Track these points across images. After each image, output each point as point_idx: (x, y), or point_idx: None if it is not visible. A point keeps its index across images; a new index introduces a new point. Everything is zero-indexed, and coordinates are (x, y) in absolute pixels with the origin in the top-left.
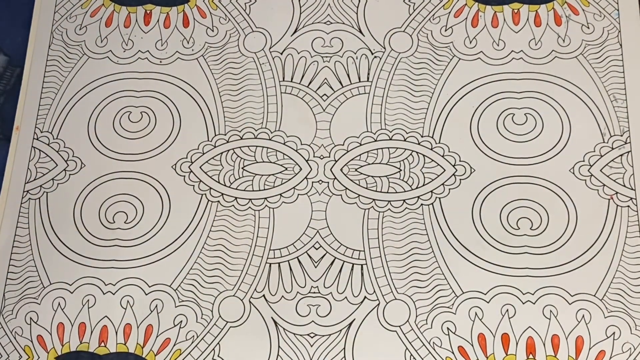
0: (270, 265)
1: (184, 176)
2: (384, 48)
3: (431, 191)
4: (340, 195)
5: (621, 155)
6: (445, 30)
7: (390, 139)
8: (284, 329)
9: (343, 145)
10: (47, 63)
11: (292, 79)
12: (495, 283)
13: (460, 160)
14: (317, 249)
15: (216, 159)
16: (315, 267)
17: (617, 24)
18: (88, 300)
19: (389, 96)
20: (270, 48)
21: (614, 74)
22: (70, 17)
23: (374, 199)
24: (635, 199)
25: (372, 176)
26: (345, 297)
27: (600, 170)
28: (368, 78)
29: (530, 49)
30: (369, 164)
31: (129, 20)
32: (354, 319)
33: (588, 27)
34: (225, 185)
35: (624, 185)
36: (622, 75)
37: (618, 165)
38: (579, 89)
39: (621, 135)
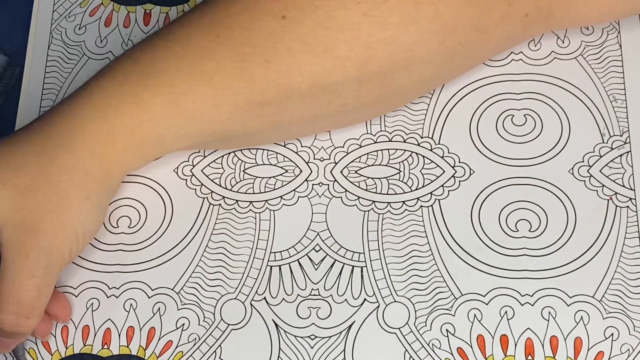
0: (271, 268)
1: (186, 180)
2: None
3: (431, 192)
4: (340, 197)
5: (620, 155)
6: None
7: (390, 141)
8: (284, 331)
9: (343, 147)
10: (47, 63)
11: None
12: (494, 285)
13: (459, 162)
14: (317, 252)
15: (217, 162)
16: (316, 269)
17: (617, 25)
18: (92, 304)
19: None
20: None
21: (613, 74)
22: (69, 17)
23: (373, 201)
24: (635, 199)
25: (372, 178)
26: (345, 300)
27: (600, 171)
28: None
29: (529, 50)
30: (369, 165)
31: (129, 20)
32: (354, 321)
33: (587, 28)
34: (226, 188)
35: (624, 186)
36: (622, 75)
37: (617, 166)
38: (578, 89)
39: (621, 136)
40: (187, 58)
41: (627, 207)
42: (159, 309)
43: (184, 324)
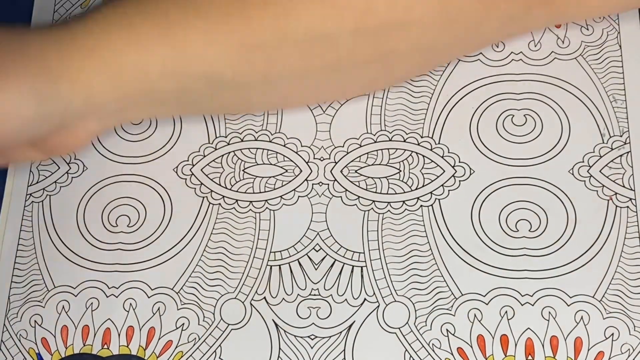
0: (271, 268)
1: (185, 179)
2: None
3: (431, 192)
4: (340, 197)
5: (620, 155)
6: None
7: (390, 140)
8: (284, 331)
9: (343, 147)
10: None
11: None
12: (494, 285)
13: (460, 161)
14: (317, 251)
15: (217, 162)
16: (316, 269)
17: (617, 25)
18: (92, 304)
19: (388, 97)
20: None
21: (613, 75)
22: (69, 17)
23: (373, 201)
24: (635, 199)
25: (372, 177)
26: (346, 300)
27: (600, 171)
28: None
29: (529, 50)
30: (369, 165)
31: None
32: (354, 321)
33: (587, 29)
34: (226, 187)
35: (624, 186)
36: (622, 76)
37: (617, 166)
38: (578, 90)
39: (620, 136)
40: None
41: (627, 207)
42: (158, 308)
43: (183, 324)
